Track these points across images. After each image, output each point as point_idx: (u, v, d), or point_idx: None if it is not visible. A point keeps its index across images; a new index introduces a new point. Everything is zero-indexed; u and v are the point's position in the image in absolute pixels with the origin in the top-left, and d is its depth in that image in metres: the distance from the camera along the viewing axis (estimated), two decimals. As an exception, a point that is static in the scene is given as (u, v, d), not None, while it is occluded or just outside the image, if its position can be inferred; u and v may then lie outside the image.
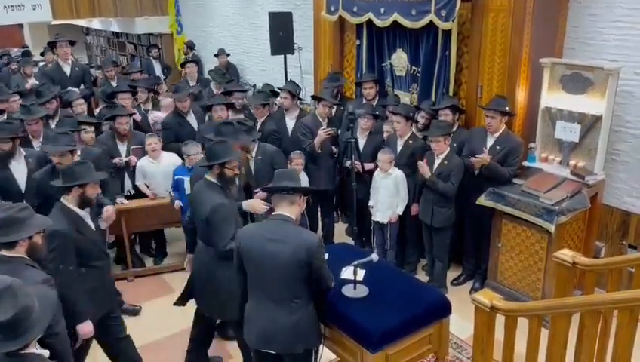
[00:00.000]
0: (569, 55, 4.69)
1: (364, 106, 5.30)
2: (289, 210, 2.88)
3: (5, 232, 2.73)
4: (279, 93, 6.16)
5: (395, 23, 5.14)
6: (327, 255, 2.98)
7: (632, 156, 4.48)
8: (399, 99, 5.42)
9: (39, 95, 5.83)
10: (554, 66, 4.44)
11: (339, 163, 5.34)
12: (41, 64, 9.01)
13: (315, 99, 5.60)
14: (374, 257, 3.11)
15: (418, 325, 3.00)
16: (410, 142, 4.89)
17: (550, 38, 4.64)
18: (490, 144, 4.53)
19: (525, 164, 4.64)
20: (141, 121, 6.03)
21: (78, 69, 7.50)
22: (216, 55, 8.85)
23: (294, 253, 2.75)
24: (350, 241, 5.26)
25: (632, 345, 2.42)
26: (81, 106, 5.99)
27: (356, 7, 5.51)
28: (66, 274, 3.18)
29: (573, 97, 4.35)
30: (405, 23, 5.03)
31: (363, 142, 5.18)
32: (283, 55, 7.03)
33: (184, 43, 10.52)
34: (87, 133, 4.91)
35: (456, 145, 4.76)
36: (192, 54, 9.95)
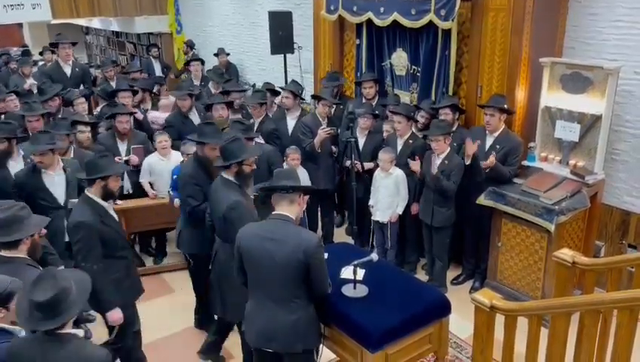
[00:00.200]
0: (569, 54, 4.69)
1: (363, 106, 5.30)
2: (289, 209, 2.88)
3: (7, 232, 2.74)
4: (279, 92, 6.16)
5: (395, 22, 5.14)
6: (326, 254, 2.98)
7: (631, 156, 4.48)
8: (399, 98, 5.42)
9: (42, 92, 5.83)
10: (554, 66, 4.44)
11: (339, 162, 5.34)
12: (40, 63, 9.00)
13: (315, 98, 5.60)
14: (374, 257, 3.11)
15: (418, 324, 3.00)
16: (411, 142, 4.89)
17: (550, 37, 4.64)
18: (490, 143, 4.53)
19: (525, 163, 4.63)
20: (143, 120, 6.03)
21: (78, 69, 7.48)
22: (216, 54, 8.83)
23: (293, 252, 2.75)
24: (350, 241, 5.26)
25: (631, 344, 2.42)
26: (82, 105, 5.99)
27: (356, 6, 5.50)
28: (92, 264, 3.23)
29: (573, 97, 4.35)
30: (405, 22, 5.03)
31: (363, 142, 5.18)
32: (283, 54, 7.04)
33: (184, 42, 10.52)
34: (83, 133, 4.88)
35: (456, 144, 4.76)
36: (191, 53, 9.95)
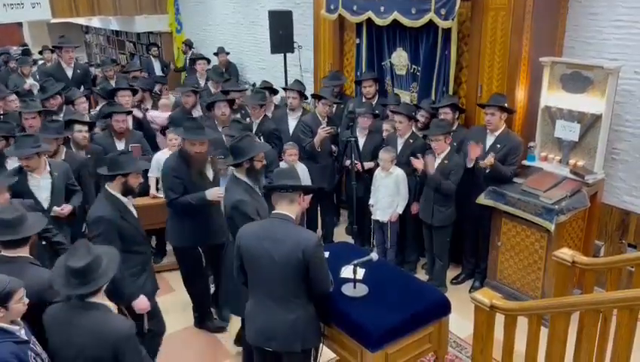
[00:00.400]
0: (569, 54, 4.68)
1: (364, 105, 5.30)
2: (289, 208, 2.89)
3: (15, 231, 2.78)
4: (277, 91, 6.17)
5: (395, 21, 5.14)
6: (326, 254, 2.98)
7: (631, 155, 4.48)
8: (399, 98, 5.41)
9: (44, 90, 5.83)
10: (554, 65, 4.43)
11: (339, 162, 5.34)
12: (40, 63, 8.99)
13: (315, 97, 5.59)
14: (374, 256, 3.10)
15: (418, 324, 3.00)
16: (411, 141, 4.89)
17: (550, 36, 4.63)
18: (491, 143, 4.53)
19: (525, 163, 4.63)
20: (142, 119, 6.03)
21: (79, 70, 7.48)
22: (216, 53, 8.82)
23: (292, 251, 2.75)
24: (350, 240, 5.26)
25: (631, 344, 2.42)
26: (84, 105, 5.98)
27: (356, 5, 5.50)
28: None
29: (573, 96, 4.35)
30: (405, 21, 5.03)
31: (363, 141, 5.17)
32: (283, 54, 7.03)
33: (182, 42, 10.52)
34: (80, 133, 4.85)
35: (456, 144, 4.76)
36: (191, 53, 9.95)
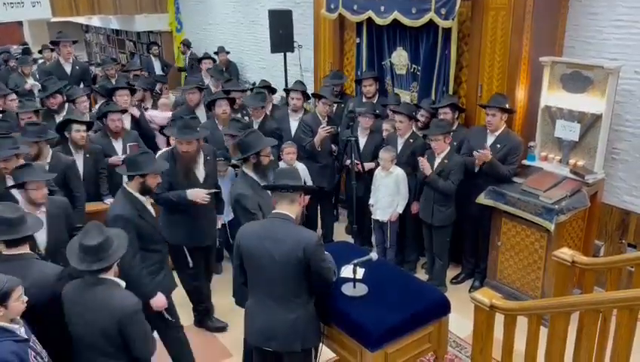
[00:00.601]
0: (569, 54, 4.68)
1: (364, 105, 5.29)
2: (289, 208, 2.89)
3: (19, 230, 2.79)
4: (275, 90, 6.17)
5: (395, 21, 5.13)
6: (326, 253, 2.97)
7: (631, 155, 4.48)
8: (400, 97, 5.41)
9: (45, 89, 5.83)
10: (554, 65, 4.43)
11: (339, 161, 5.33)
12: (40, 62, 8.98)
13: (316, 97, 5.59)
14: (374, 256, 3.10)
15: (417, 323, 3.00)
16: (411, 141, 4.89)
17: (550, 36, 4.63)
18: (491, 142, 4.53)
19: (525, 162, 4.63)
20: (140, 118, 6.02)
21: (78, 67, 7.46)
22: (216, 53, 8.82)
23: (292, 251, 2.75)
24: (350, 240, 5.26)
25: (631, 344, 2.42)
26: (84, 104, 5.97)
27: (356, 5, 5.50)
28: (129, 256, 3.22)
29: (573, 96, 4.35)
30: (405, 21, 5.03)
31: (363, 141, 5.17)
32: (283, 53, 7.03)
33: (181, 42, 10.51)
34: (78, 133, 4.83)
35: (456, 143, 4.76)
36: (189, 52, 9.95)
